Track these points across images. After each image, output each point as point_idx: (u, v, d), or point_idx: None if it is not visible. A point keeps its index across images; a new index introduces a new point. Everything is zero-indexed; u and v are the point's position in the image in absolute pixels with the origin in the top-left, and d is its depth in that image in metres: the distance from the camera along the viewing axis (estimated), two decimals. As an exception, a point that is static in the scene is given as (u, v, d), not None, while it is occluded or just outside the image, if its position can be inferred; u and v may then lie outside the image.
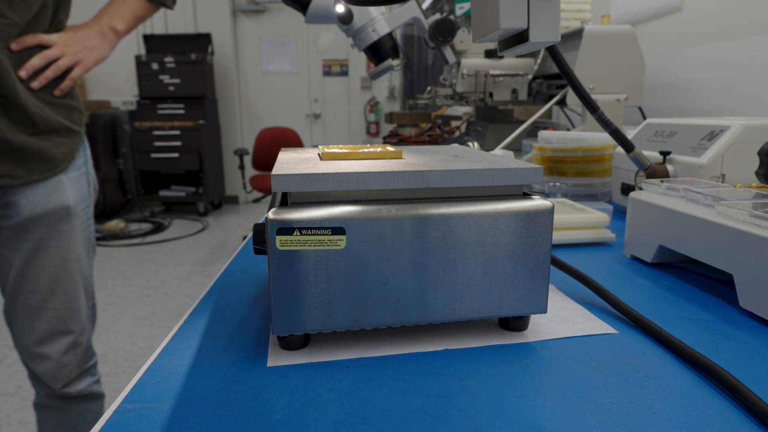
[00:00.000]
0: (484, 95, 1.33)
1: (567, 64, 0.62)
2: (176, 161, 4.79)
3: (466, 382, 0.36)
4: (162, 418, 0.32)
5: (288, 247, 0.36)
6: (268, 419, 0.32)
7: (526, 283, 0.41)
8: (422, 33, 1.24)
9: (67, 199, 0.96)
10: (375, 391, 0.35)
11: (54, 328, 0.99)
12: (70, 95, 0.97)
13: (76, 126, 0.97)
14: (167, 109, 4.77)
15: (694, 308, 0.48)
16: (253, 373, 0.37)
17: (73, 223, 0.97)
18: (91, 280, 1.06)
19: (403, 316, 0.39)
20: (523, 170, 0.40)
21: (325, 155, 0.45)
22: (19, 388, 1.95)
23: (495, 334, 0.43)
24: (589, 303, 0.50)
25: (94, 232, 1.06)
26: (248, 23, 5.39)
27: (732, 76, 1.18)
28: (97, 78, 5.25)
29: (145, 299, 2.83)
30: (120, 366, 2.11)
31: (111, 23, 0.98)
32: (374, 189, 0.39)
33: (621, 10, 1.56)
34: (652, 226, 0.59)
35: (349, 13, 1.03)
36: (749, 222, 0.46)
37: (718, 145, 0.70)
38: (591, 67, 1.15)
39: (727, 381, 0.34)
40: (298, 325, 0.38)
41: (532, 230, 0.40)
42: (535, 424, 0.31)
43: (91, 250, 1.05)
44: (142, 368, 0.38)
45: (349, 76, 5.60)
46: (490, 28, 0.35)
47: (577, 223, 0.70)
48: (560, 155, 0.92)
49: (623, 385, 0.35)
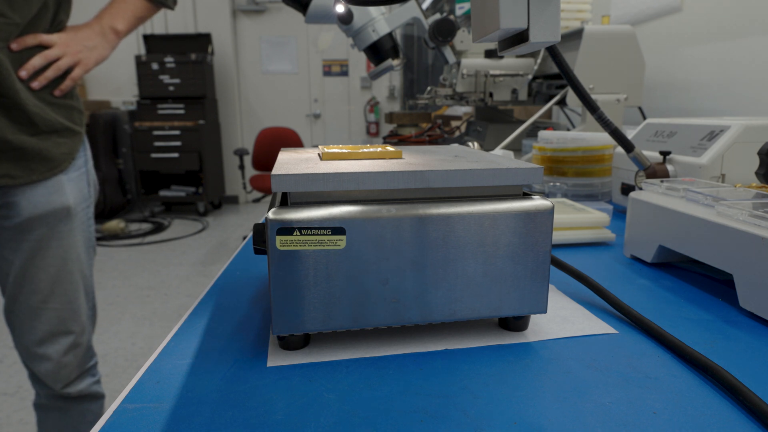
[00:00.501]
0: (484, 95, 1.33)
1: (567, 64, 0.62)
2: (176, 161, 4.79)
3: (466, 382, 0.36)
4: (162, 418, 0.32)
5: (288, 247, 0.36)
6: (268, 419, 0.32)
7: (526, 283, 0.41)
8: (422, 33, 1.24)
9: (68, 199, 0.96)
10: (375, 391, 0.35)
11: (54, 328, 0.99)
12: (70, 95, 0.97)
13: (76, 126, 0.97)
14: (167, 109, 4.77)
15: (694, 308, 0.48)
16: (253, 373, 0.37)
17: (73, 223, 0.97)
18: (92, 281, 1.06)
19: (403, 316, 0.39)
20: (523, 170, 0.40)
21: (325, 155, 0.45)
22: (19, 388, 1.95)
23: (495, 334, 0.43)
24: (589, 303, 0.50)
25: (94, 232, 1.06)
26: (248, 23, 5.39)
27: (732, 76, 1.18)
28: (97, 78, 5.25)
29: (145, 299, 2.83)
30: (120, 366, 2.11)
31: (112, 23, 0.98)
32: (374, 189, 0.39)
33: (621, 10, 1.56)
34: (652, 226, 0.59)
35: (349, 13, 1.03)
36: (749, 222, 0.46)
37: (718, 145, 0.70)
38: (591, 67, 1.15)
39: (727, 381, 0.34)
40: (298, 325, 0.38)
41: (532, 230, 0.40)
42: (535, 424, 0.31)
43: (92, 250, 1.05)
44: (142, 368, 0.38)
45: (349, 76, 5.60)
46: (490, 28, 0.35)
47: (577, 223, 0.70)
48: (560, 155, 0.92)
49: (623, 385, 0.35)
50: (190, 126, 4.75)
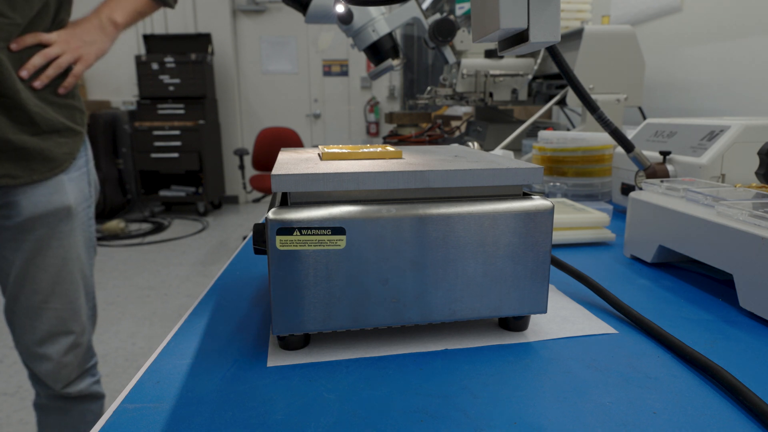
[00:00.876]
0: (484, 95, 1.33)
1: (567, 64, 0.62)
2: (176, 161, 4.79)
3: (466, 382, 0.36)
4: (162, 418, 0.32)
5: (288, 247, 0.36)
6: (268, 419, 0.32)
7: (526, 283, 0.41)
8: (422, 33, 1.24)
9: (68, 199, 0.95)
10: (375, 391, 0.35)
11: (54, 328, 0.99)
12: (71, 95, 0.97)
13: (77, 126, 0.97)
14: (167, 109, 4.77)
15: (694, 308, 0.48)
16: (253, 373, 0.37)
17: (73, 223, 0.97)
18: (92, 281, 1.06)
19: (403, 316, 0.39)
20: (523, 170, 0.40)
21: (325, 155, 0.45)
22: (19, 388, 1.95)
23: (495, 334, 0.43)
24: (589, 303, 0.50)
25: (95, 232, 1.06)
26: (248, 23, 5.39)
27: (732, 76, 1.18)
28: (97, 78, 5.25)
29: (145, 299, 2.83)
30: (120, 366, 2.11)
31: (110, 16, 0.98)
32: (374, 189, 0.39)
33: (621, 10, 1.56)
34: (652, 226, 0.59)
35: (349, 13, 1.03)
36: (749, 222, 0.46)
37: (718, 145, 0.70)
38: (591, 67, 1.15)
39: (727, 381, 0.34)
40: (298, 325, 0.38)
41: (532, 230, 0.40)
42: (535, 424, 0.31)
43: (92, 250, 1.05)
44: (142, 368, 0.38)
45: (349, 76, 5.60)
46: (490, 28, 0.35)
47: (577, 223, 0.70)
48: (560, 155, 0.92)
49: (623, 385, 0.35)
50: (190, 126, 4.75)
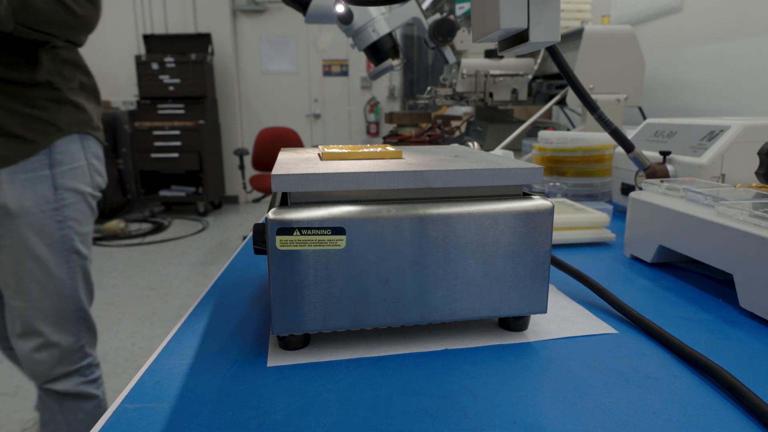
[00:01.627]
0: (484, 95, 1.33)
1: (567, 64, 0.62)
2: (176, 161, 4.79)
3: (466, 382, 0.36)
4: (162, 418, 0.32)
5: (288, 247, 0.36)
6: (268, 419, 0.32)
7: (526, 283, 0.41)
8: (422, 33, 1.24)
9: (4, 198, 0.96)
10: (375, 391, 0.35)
11: (23, 326, 1.01)
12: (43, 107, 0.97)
13: (30, 134, 0.97)
14: (167, 109, 4.77)
15: (694, 308, 0.48)
16: (253, 373, 0.37)
17: (17, 223, 0.97)
18: (75, 284, 1.04)
19: (403, 316, 0.39)
20: (523, 170, 0.40)
21: (325, 155, 0.45)
22: (19, 389, 1.95)
23: (495, 334, 0.43)
24: (589, 303, 0.50)
25: (77, 236, 1.04)
26: (248, 23, 5.39)
27: (732, 76, 1.18)
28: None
29: (145, 299, 2.83)
30: (120, 366, 2.11)
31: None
32: (374, 189, 0.39)
33: (621, 10, 1.56)
34: (652, 226, 0.59)
35: (349, 13, 1.03)
36: (749, 222, 0.46)
37: (718, 145, 0.70)
38: (591, 67, 1.15)
39: (727, 381, 0.34)
40: (298, 325, 0.38)
41: (532, 230, 0.40)
42: (535, 424, 0.31)
43: (71, 254, 1.03)
44: (142, 368, 0.38)
45: (349, 76, 5.60)
46: (490, 28, 0.35)
47: (577, 223, 0.70)
48: (560, 155, 0.92)
49: (623, 385, 0.35)
50: (190, 126, 4.75)
